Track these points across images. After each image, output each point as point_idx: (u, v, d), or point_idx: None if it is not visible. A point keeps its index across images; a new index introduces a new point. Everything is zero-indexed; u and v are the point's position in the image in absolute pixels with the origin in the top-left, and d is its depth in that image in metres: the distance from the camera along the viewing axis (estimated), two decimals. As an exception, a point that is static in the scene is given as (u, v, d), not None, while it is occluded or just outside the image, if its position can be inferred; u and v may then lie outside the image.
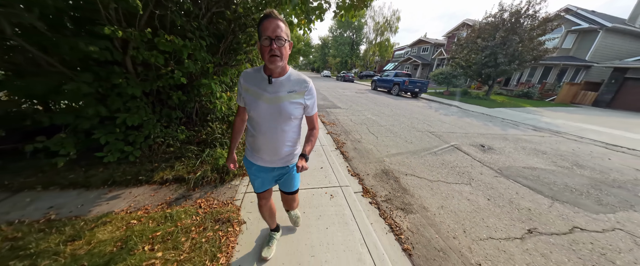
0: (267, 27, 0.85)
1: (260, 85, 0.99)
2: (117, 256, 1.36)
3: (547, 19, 10.53)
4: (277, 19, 0.86)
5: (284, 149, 1.10)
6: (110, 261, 1.32)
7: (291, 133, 1.09)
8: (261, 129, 1.04)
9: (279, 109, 0.99)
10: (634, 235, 2.01)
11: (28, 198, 1.94)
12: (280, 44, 0.86)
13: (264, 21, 0.86)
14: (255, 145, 1.09)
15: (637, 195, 2.79)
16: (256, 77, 1.00)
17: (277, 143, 1.07)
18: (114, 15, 1.78)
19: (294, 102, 1.00)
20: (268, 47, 0.86)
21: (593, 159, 4.07)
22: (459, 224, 2.01)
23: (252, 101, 0.99)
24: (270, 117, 1.00)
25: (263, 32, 0.86)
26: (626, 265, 1.67)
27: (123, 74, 2.09)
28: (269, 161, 1.12)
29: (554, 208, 2.34)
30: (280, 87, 0.98)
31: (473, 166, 3.34)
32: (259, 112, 0.99)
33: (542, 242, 1.84)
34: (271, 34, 0.84)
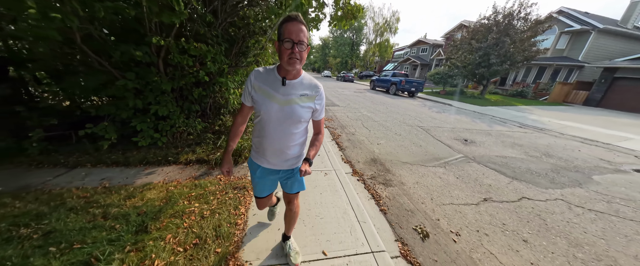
0: (291, 30, 0.85)
1: (272, 85, 0.98)
2: (165, 207, 1.84)
3: (538, 21, 10.96)
4: (301, 23, 0.86)
5: (291, 152, 1.10)
6: (161, 209, 1.81)
7: (298, 135, 1.09)
8: (269, 130, 1.03)
9: (290, 111, 0.99)
10: (570, 203, 2.48)
11: (83, 173, 2.43)
12: (301, 48, 0.88)
13: (287, 23, 0.86)
14: (262, 146, 1.08)
15: (589, 178, 3.25)
16: (269, 77, 0.99)
17: (284, 145, 1.07)
18: (154, 28, 2.26)
19: (305, 106, 1.01)
20: (289, 50, 0.87)
21: (564, 151, 4.53)
22: (428, 194, 2.48)
23: (263, 101, 0.98)
24: (280, 118, 1.00)
25: (286, 34, 0.86)
26: (554, 221, 2.13)
27: (156, 74, 2.58)
28: (274, 164, 1.12)
29: (511, 185, 2.81)
30: (293, 89, 0.98)
31: (451, 154, 3.81)
32: (270, 113, 0.99)
33: (493, 207, 2.31)
34: (295, 38, 0.85)
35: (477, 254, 1.70)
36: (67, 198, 1.92)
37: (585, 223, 2.15)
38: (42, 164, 2.53)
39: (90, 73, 2.48)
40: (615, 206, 2.48)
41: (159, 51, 2.51)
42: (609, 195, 2.73)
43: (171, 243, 1.47)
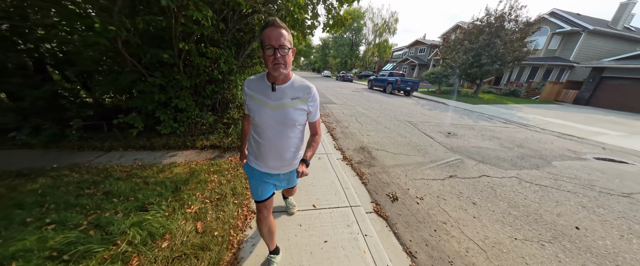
0: (271, 36, 0.85)
1: (264, 92, 1.00)
2: (191, 177, 2.34)
3: (528, 23, 11.44)
4: (280, 27, 0.86)
5: (289, 155, 1.11)
6: (188, 179, 2.31)
7: (295, 138, 1.09)
8: (266, 136, 1.04)
9: (283, 115, 0.99)
10: (522, 180, 2.97)
11: (118, 155, 2.94)
12: (283, 52, 0.87)
13: (266, 29, 0.86)
14: (260, 152, 1.09)
15: (549, 163, 3.74)
16: (260, 85, 1.01)
17: (282, 149, 1.08)
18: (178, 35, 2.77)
19: (298, 109, 1.01)
20: (272, 56, 0.87)
21: (537, 143, 5.02)
22: (404, 173, 2.98)
23: (257, 108, 1.00)
24: (275, 124, 1.01)
25: (266, 40, 0.86)
26: (503, 192, 2.63)
27: (178, 73, 3.09)
28: (273, 168, 1.13)
29: (476, 167, 3.31)
30: (284, 94, 0.99)
31: (432, 145, 4.31)
32: (264, 119, 1.00)
33: (456, 181, 2.81)
34: (275, 43, 0.85)
35: (433, 211, 2.20)
36: (111, 171, 2.43)
37: (527, 193, 2.64)
38: (82, 148, 3.04)
39: (124, 73, 2.99)
40: (559, 182, 2.97)
41: (180, 54, 3.02)
42: (558, 175, 3.22)
43: (200, 198, 1.97)
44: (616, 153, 4.71)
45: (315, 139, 1.13)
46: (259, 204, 1.18)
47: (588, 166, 3.71)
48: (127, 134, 3.26)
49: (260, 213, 1.19)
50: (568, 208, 2.39)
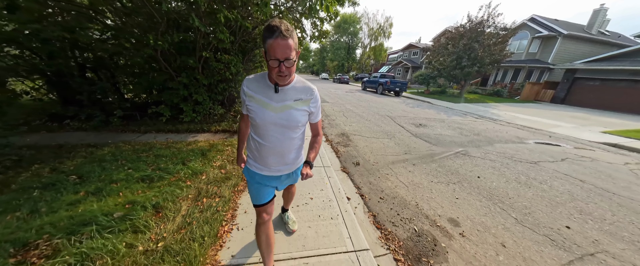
0: (276, 48, 0.80)
1: (265, 93, 0.98)
2: (211, 148, 3.26)
3: (504, 28, 12.53)
4: (286, 37, 0.80)
5: (291, 156, 1.11)
6: (209, 149, 3.23)
7: (297, 139, 1.09)
8: (268, 138, 1.02)
9: (286, 117, 0.98)
10: (459, 153, 3.91)
11: (152, 136, 3.85)
12: (289, 64, 0.84)
13: (270, 40, 0.80)
14: (261, 154, 1.07)
15: (491, 144, 4.69)
16: (261, 85, 0.98)
17: (284, 151, 1.07)
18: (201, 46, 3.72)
19: (301, 110, 1.01)
20: (276, 68, 0.84)
21: (493, 132, 5.97)
22: (371, 152, 3.91)
23: (258, 109, 0.97)
24: (278, 125, 1.00)
25: (271, 52, 0.82)
26: (439, 160, 3.56)
27: (198, 74, 4.03)
28: (275, 170, 1.12)
29: (429, 147, 4.25)
30: (286, 95, 0.98)
31: (401, 132, 5.25)
32: (266, 121, 0.98)
33: (411, 156, 3.74)
34: (280, 56, 0.81)
35: (382, 170, 3.13)
36: (153, 145, 3.34)
37: (458, 161, 3.58)
38: (124, 131, 3.96)
39: (159, 74, 3.92)
40: (487, 155, 3.92)
41: (200, 59, 3.96)
42: (491, 151, 4.17)
43: (220, 158, 2.90)
44: (558, 139, 5.68)
45: (317, 140, 1.14)
46: (259, 208, 1.15)
47: (522, 147, 4.66)
48: (157, 121, 4.18)
49: (259, 217, 1.16)
50: (482, 169, 3.33)
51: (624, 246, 1.88)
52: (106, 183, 2.16)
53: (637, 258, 1.75)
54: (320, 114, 1.15)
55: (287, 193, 1.61)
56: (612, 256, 1.77)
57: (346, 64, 39.65)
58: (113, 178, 2.24)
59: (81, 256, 1.32)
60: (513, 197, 2.57)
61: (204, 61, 3.93)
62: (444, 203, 2.38)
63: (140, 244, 1.47)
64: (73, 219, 1.64)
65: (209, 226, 1.66)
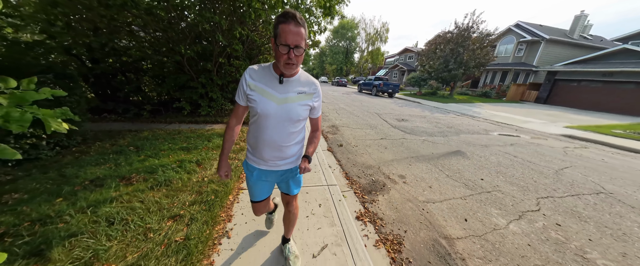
0: (288, 33, 0.79)
1: (269, 84, 0.96)
2: (226, 133, 4.17)
3: (488, 34, 13.55)
4: (299, 24, 0.80)
5: (289, 151, 1.08)
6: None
7: (296, 134, 1.07)
8: (267, 130, 1.00)
9: (288, 109, 0.97)
10: (426, 140, 4.80)
11: (177, 125, 4.76)
12: (299, 53, 0.84)
13: (283, 24, 0.80)
14: (259, 147, 1.05)
15: (457, 134, 5.57)
16: (265, 76, 0.97)
17: (283, 145, 1.05)
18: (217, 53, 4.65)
19: (303, 104, 1.00)
20: (286, 55, 0.83)
21: (465, 126, 6.86)
22: (354, 138, 4.80)
23: (260, 99, 0.96)
24: (278, 117, 0.98)
25: (283, 37, 0.80)
26: (409, 144, 4.44)
27: (214, 75, 4.96)
28: (273, 165, 1.09)
29: (403, 135, 5.14)
30: (290, 87, 0.97)
31: (383, 124, 6.15)
32: (267, 112, 0.96)
33: (384, 141, 4.63)
34: (291, 43, 0.80)
35: (360, 150, 4.01)
36: (180, 131, 4.24)
37: (422, 144, 4.47)
38: (153, 122, 4.86)
39: (183, 75, 4.85)
40: (449, 141, 4.80)
41: (216, 64, 4.90)
42: (454, 139, 5.05)
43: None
44: (523, 132, 6.55)
45: (316, 135, 1.13)
46: (255, 204, 1.17)
47: (483, 136, 5.54)
48: (178, 115, 5.10)
49: (254, 213, 1.22)
50: (437, 147, 4.21)
51: (514, 189, 2.75)
52: (157, 150, 3.05)
53: (517, 193, 2.62)
54: (321, 109, 1.13)
55: (288, 215, 1.36)
56: (502, 192, 2.64)
57: (344, 67, 40.81)
58: (161, 148, 3.14)
59: (163, 179, 2.22)
60: (454, 166, 3.45)
61: (219, 65, 4.87)
62: (399, 167, 3.27)
63: (193, 178, 2.36)
64: (146, 167, 2.52)
65: (234, 173, 2.55)
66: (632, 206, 2.53)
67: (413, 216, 2.14)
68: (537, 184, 2.91)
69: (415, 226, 1.99)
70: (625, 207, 2.50)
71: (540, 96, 15.45)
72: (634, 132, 6.81)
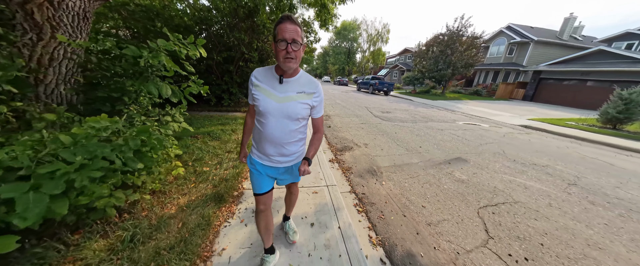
0: (285, 30, 0.89)
1: (271, 84, 1.05)
2: (245, 117, 5.69)
3: (474, 37, 14.72)
4: (294, 23, 0.90)
5: (290, 149, 1.14)
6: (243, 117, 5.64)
7: (297, 133, 1.13)
8: (268, 128, 1.07)
9: (287, 108, 1.03)
10: (396, 125, 6.20)
11: (206, 113, 6.31)
12: (296, 47, 0.92)
13: (281, 24, 0.90)
14: (261, 143, 1.13)
15: (425, 123, 6.94)
16: (268, 76, 1.06)
17: (283, 141, 1.10)
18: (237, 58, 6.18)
19: (303, 103, 1.05)
20: (284, 50, 0.91)
21: (438, 116, 8.19)
22: (340, 123, 6.25)
23: (263, 99, 1.04)
24: (279, 116, 1.05)
25: (280, 34, 0.90)
26: (383, 127, 5.86)
27: (234, 75, 6.49)
28: (275, 160, 1.16)
29: (380, 122, 6.56)
30: (290, 87, 1.04)
31: (368, 115, 7.57)
32: (268, 110, 1.04)
33: (364, 125, 6.06)
34: (288, 38, 0.89)
35: (343, 131, 5.46)
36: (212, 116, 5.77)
37: (392, 127, 5.87)
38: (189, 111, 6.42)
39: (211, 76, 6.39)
40: (415, 125, 6.19)
41: (236, 67, 6.43)
42: (420, 125, 6.43)
43: (252, 120, 5.32)
44: (486, 122, 7.85)
45: (318, 137, 1.19)
46: (257, 197, 1.22)
47: (447, 124, 6.89)
48: (206, 105, 6.66)
49: (257, 206, 1.25)
50: (402, 130, 5.61)
51: (438, 151, 4.15)
52: (203, 124, 4.57)
53: (438, 153, 4.02)
54: (323, 110, 1.18)
55: (289, 196, 1.55)
56: (428, 153, 4.04)
57: (346, 67, 42.11)
58: (204, 124, 4.66)
59: (217, 135, 3.74)
60: (406, 139, 4.85)
61: (238, 67, 6.40)
62: (366, 139, 4.70)
63: (232, 137, 3.87)
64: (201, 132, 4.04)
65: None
66: (513, 160, 3.89)
67: (363, 160, 3.58)
68: (457, 150, 4.29)
69: (362, 164, 3.43)
70: (508, 160, 3.87)
71: (527, 94, 16.50)
72: (582, 123, 8.02)
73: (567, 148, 5.07)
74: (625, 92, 6.93)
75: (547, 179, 3.20)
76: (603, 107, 7.36)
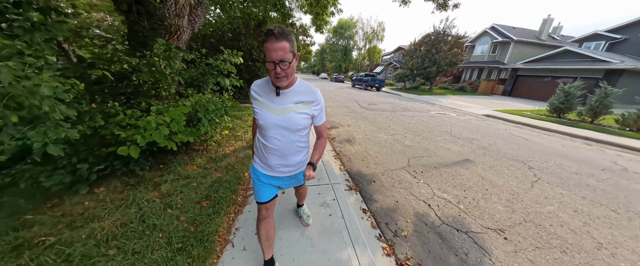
0: (270, 51, 0.85)
1: (268, 96, 1.04)
2: (255, 107, 7.11)
3: (458, 37, 16.15)
4: (279, 39, 0.84)
5: (293, 159, 1.15)
6: (254, 107, 7.07)
7: (299, 143, 1.13)
8: (270, 139, 1.07)
9: (286, 120, 1.03)
10: (375, 112, 7.66)
11: (222, 105, 7.72)
12: (284, 66, 0.89)
13: (266, 43, 0.86)
14: (264, 155, 1.13)
15: (402, 113, 8.41)
16: (265, 88, 1.05)
17: (286, 153, 1.11)
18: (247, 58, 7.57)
19: (301, 113, 1.04)
20: (273, 71, 0.90)
21: (415, 108, 9.66)
22: (331, 111, 7.69)
23: (261, 112, 1.04)
24: (279, 128, 1.04)
25: (267, 54, 0.87)
26: (363, 114, 7.32)
27: (244, 72, 7.88)
28: (278, 171, 1.17)
29: (364, 110, 8.01)
30: (287, 98, 1.03)
31: (355, 105, 9.02)
32: (268, 124, 1.04)
33: (351, 113, 7.52)
34: (275, 59, 0.86)
35: (334, 116, 6.91)
36: (226, 107, 7.18)
37: (372, 114, 7.33)
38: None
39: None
40: (393, 114, 7.66)
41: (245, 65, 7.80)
42: (397, 114, 7.90)
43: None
44: (455, 112, 9.32)
45: (321, 142, 1.17)
46: (260, 205, 1.22)
47: (419, 113, 8.36)
48: (221, 99, 8.06)
49: (260, 214, 1.24)
50: (380, 117, 7.07)
51: (401, 129, 5.62)
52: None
53: (400, 130, 5.49)
54: (324, 117, 1.17)
55: (299, 190, 1.63)
56: (393, 130, 5.51)
57: (343, 64, 43.36)
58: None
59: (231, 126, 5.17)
60: (380, 122, 6.30)
61: (247, 66, 7.79)
62: (350, 122, 6.15)
63: (245, 125, 5.29)
64: (225, 116, 5.45)
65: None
66: (453, 135, 5.36)
67: (344, 134, 5.02)
68: (416, 129, 5.76)
69: (343, 136, 4.88)
70: (450, 135, 5.34)
71: (506, 90, 18.05)
72: (536, 113, 9.55)
73: (505, 130, 6.57)
74: (566, 87, 8.44)
75: (468, 145, 4.68)
76: (550, 99, 8.87)
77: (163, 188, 2.19)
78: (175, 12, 2.88)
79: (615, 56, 13.61)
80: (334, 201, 2.30)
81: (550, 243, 1.92)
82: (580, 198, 2.73)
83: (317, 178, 2.79)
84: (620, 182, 3.28)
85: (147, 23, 2.64)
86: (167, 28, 2.86)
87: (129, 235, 1.59)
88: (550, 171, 3.51)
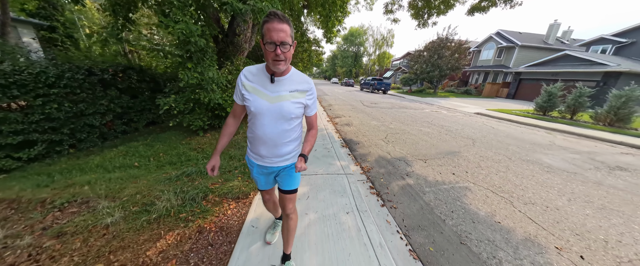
0: (272, 30, 0.85)
1: (262, 83, 1.02)
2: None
3: (460, 43, 17.29)
4: (282, 21, 0.85)
5: (284, 149, 1.13)
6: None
7: (291, 132, 1.12)
8: (261, 128, 1.06)
9: (280, 108, 1.02)
10: (374, 109, 9.20)
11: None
12: (285, 49, 0.88)
13: (268, 23, 0.85)
14: (255, 144, 1.12)
15: (398, 110, 9.86)
16: (258, 75, 1.03)
17: (277, 142, 1.10)
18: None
19: (295, 102, 1.04)
20: (273, 53, 0.88)
21: (412, 108, 11.04)
22: (338, 108, 9.34)
23: (253, 98, 1.02)
24: (271, 116, 1.03)
25: (267, 35, 0.85)
26: (364, 109, 8.89)
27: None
28: (269, 161, 1.15)
29: (365, 107, 9.58)
30: (282, 86, 1.02)
31: (358, 104, 10.61)
32: (261, 110, 1.02)
33: (354, 110, 9.12)
34: (277, 40, 0.85)
35: (338, 110, 8.56)
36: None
37: (372, 110, 8.88)
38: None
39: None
40: (390, 110, 9.15)
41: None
42: (394, 112, 9.37)
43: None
44: (448, 111, 10.59)
45: (312, 133, 1.15)
46: (261, 191, 1.34)
47: (413, 110, 9.76)
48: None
49: (263, 196, 1.42)
50: (378, 112, 8.60)
51: (393, 120, 7.13)
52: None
53: (392, 122, 7.01)
54: (317, 108, 1.17)
55: (286, 226, 1.33)
56: (384, 119, 7.04)
57: (354, 70, 45.06)
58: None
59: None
60: (377, 115, 7.84)
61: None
62: (351, 114, 7.76)
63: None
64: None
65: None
66: (433, 124, 6.78)
67: (345, 121, 6.65)
68: (404, 121, 7.23)
69: (344, 122, 6.50)
70: (430, 125, 6.76)
71: (510, 93, 18.69)
72: (525, 112, 10.55)
73: (482, 122, 7.81)
74: (549, 88, 9.47)
75: (440, 130, 6.09)
76: (536, 99, 9.90)
77: (236, 137, 3.98)
78: (244, 40, 4.76)
79: (617, 59, 14.08)
80: (332, 148, 3.94)
81: (453, 162, 3.42)
82: (493, 153, 4.14)
83: (322, 142, 4.42)
84: (535, 149, 4.60)
85: (231, 48, 4.53)
86: (240, 50, 4.74)
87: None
88: (487, 143, 4.89)
